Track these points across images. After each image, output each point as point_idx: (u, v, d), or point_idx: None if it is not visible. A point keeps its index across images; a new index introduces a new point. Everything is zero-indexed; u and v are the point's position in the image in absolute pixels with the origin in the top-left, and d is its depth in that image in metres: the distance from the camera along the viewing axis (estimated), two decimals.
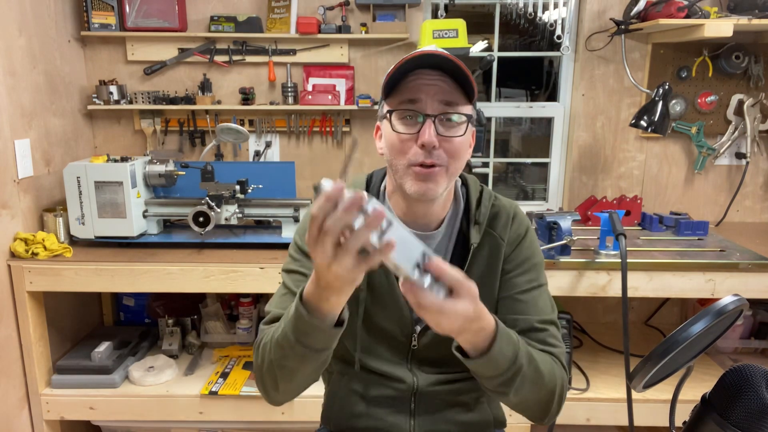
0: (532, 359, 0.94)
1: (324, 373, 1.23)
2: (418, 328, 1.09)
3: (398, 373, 1.11)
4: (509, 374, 0.90)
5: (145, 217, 2.06)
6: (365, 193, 0.68)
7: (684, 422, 0.68)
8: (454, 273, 0.77)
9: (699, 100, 2.37)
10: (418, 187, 0.97)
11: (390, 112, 0.99)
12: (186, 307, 2.39)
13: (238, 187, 2.02)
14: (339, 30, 2.30)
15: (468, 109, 0.99)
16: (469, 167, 2.14)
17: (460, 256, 1.08)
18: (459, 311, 0.77)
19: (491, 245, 1.08)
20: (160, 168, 2.06)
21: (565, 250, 1.88)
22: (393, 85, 0.98)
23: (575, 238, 1.88)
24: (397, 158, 0.99)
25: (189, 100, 2.36)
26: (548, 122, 2.58)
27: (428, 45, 1.00)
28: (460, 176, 1.11)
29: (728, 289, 1.86)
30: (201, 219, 1.96)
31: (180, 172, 2.07)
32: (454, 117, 0.96)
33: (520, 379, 0.91)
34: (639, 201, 2.35)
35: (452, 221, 1.10)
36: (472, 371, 0.92)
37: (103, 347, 2.09)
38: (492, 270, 1.08)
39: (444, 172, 0.98)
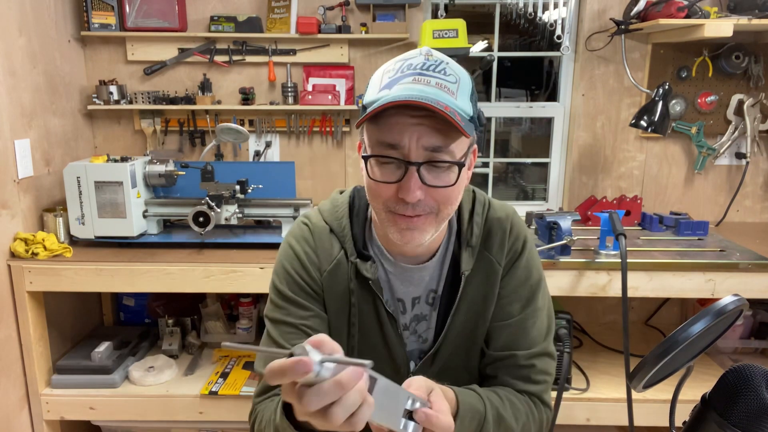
0: (501, 422, 0.91)
1: None
2: (413, 365, 1.03)
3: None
4: None
5: (145, 217, 2.06)
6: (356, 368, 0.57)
7: (684, 422, 0.68)
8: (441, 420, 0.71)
9: (699, 100, 2.37)
10: (400, 236, 0.87)
11: (366, 157, 0.84)
12: (186, 307, 2.39)
13: (238, 187, 2.02)
14: (339, 30, 2.30)
15: (462, 146, 0.84)
16: None
17: (451, 284, 0.99)
18: None
19: (487, 270, 0.99)
20: (160, 168, 2.06)
21: (565, 250, 1.88)
22: (372, 118, 0.82)
23: (575, 238, 1.88)
24: (375, 202, 0.88)
25: (189, 100, 2.36)
26: (548, 122, 2.58)
27: (426, 45, 0.89)
28: None
29: (728, 289, 1.86)
30: (201, 219, 1.96)
31: (180, 172, 2.07)
32: (443, 164, 0.82)
33: None
34: (639, 201, 2.35)
35: (445, 248, 1.00)
36: None
37: (103, 347, 2.09)
38: (487, 298, 1.00)
39: (432, 219, 0.86)
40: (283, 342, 0.95)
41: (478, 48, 2.60)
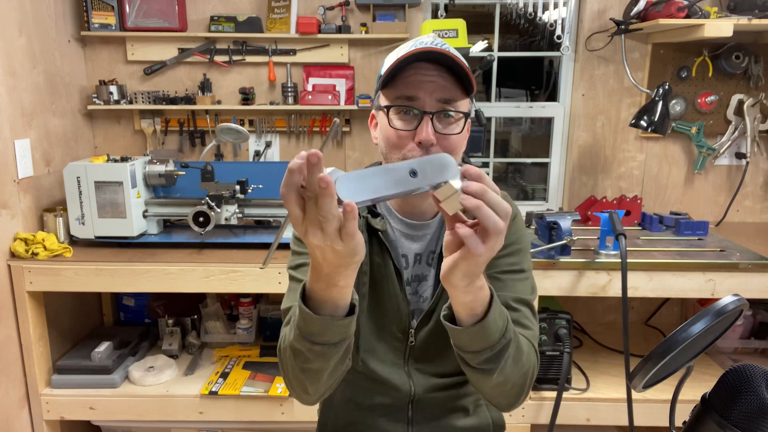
0: (516, 334, 0.90)
1: None
2: (415, 323, 1.07)
3: (395, 379, 1.08)
4: (499, 347, 0.85)
5: (145, 217, 2.06)
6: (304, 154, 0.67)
7: (684, 422, 0.68)
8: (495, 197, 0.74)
9: (699, 100, 2.37)
10: None
11: (388, 107, 0.98)
12: (186, 307, 2.39)
13: (238, 187, 2.02)
14: (339, 30, 2.30)
15: (466, 104, 0.99)
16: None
17: None
18: (496, 245, 0.73)
19: None
20: (160, 168, 2.06)
21: (565, 250, 1.88)
22: (391, 78, 0.97)
23: (575, 238, 1.88)
24: (393, 152, 0.98)
25: (189, 100, 2.36)
26: (548, 122, 2.58)
27: (428, 34, 0.98)
28: None
29: (728, 289, 1.86)
30: (201, 219, 1.96)
31: (180, 172, 2.07)
32: (452, 114, 0.96)
33: (507, 355, 0.87)
34: (639, 201, 2.35)
35: None
36: (458, 347, 0.86)
37: (103, 347, 2.09)
38: None
39: None
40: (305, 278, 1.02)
41: (478, 48, 2.60)
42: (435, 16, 2.42)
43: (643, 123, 2.16)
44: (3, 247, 1.89)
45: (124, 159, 2.02)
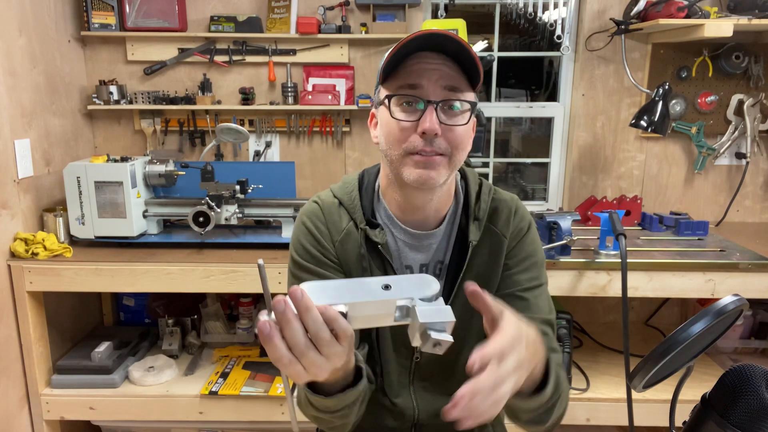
0: (563, 379, 0.90)
1: None
2: None
3: (400, 402, 1.07)
4: (553, 400, 0.83)
5: (145, 217, 2.06)
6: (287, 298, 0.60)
7: (684, 422, 0.68)
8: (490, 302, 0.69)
9: (699, 100, 2.37)
10: (417, 174, 0.91)
11: (389, 97, 0.92)
12: (186, 307, 2.39)
13: (238, 187, 2.02)
14: (339, 30, 2.30)
15: (471, 96, 0.94)
16: (468, 163, 2.14)
17: (459, 254, 1.03)
18: (515, 361, 0.65)
19: (492, 242, 1.03)
20: (160, 168, 2.06)
21: (565, 250, 1.88)
22: (392, 68, 0.92)
23: (575, 238, 1.88)
24: (394, 147, 0.93)
25: (189, 100, 2.36)
26: (548, 122, 2.58)
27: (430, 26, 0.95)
28: (459, 170, 1.06)
29: (728, 289, 1.86)
30: (201, 219, 1.96)
31: (180, 172, 2.07)
32: (458, 104, 0.91)
33: (560, 403, 0.85)
34: (639, 201, 2.35)
35: (452, 218, 1.05)
36: (512, 408, 0.82)
37: (103, 347, 2.09)
38: (493, 267, 1.03)
39: (446, 161, 0.92)
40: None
41: (478, 48, 2.60)
42: (435, 16, 2.42)
43: (643, 123, 2.16)
44: (3, 247, 1.89)
45: (124, 159, 2.02)
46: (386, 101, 0.93)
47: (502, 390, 0.63)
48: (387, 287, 0.64)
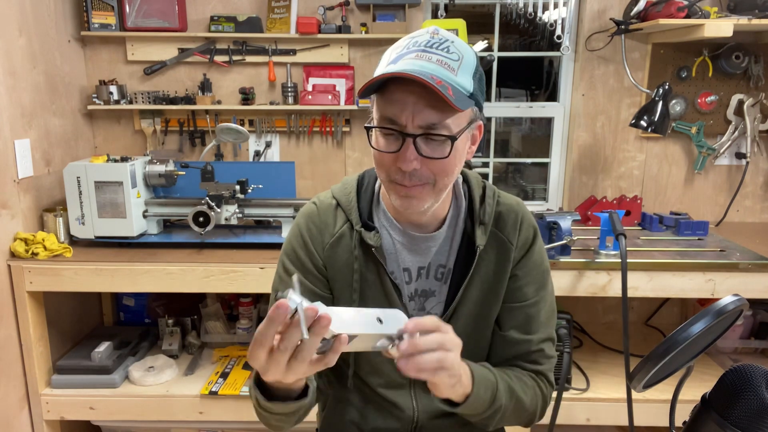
0: (513, 393, 0.97)
1: (319, 396, 1.19)
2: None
3: (400, 402, 1.07)
4: (490, 412, 0.94)
5: (145, 217, 2.06)
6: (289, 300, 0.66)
7: (684, 422, 0.68)
8: (432, 321, 0.79)
9: (699, 100, 2.37)
10: (401, 202, 0.93)
11: (369, 128, 0.92)
12: (186, 307, 2.39)
13: (238, 187, 2.02)
14: (339, 30, 2.30)
15: (461, 119, 0.89)
16: (469, 165, 2.14)
17: (465, 258, 1.02)
18: (454, 360, 0.81)
19: (499, 248, 1.03)
20: (160, 168, 2.06)
21: (565, 250, 1.88)
22: (375, 90, 0.90)
23: (575, 238, 1.88)
24: (380, 171, 0.94)
25: (189, 100, 2.36)
26: (548, 122, 2.58)
27: (428, 28, 0.93)
28: (461, 173, 1.06)
29: (728, 289, 1.86)
30: (201, 219, 1.96)
31: (180, 172, 2.07)
32: (438, 137, 0.87)
33: (501, 414, 0.96)
34: (639, 201, 2.35)
35: (454, 221, 1.04)
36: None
37: (103, 347, 2.09)
38: (500, 274, 1.03)
39: (429, 189, 0.92)
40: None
41: (478, 48, 2.59)
42: (435, 16, 2.42)
43: (643, 123, 2.16)
44: (3, 247, 1.89)
45: (124, 159, 2.02)
46: (367, 131, 0.94)
47: (446, 354, 0.78)
48: (380, 321, 0.76)
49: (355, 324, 0.72)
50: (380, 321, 0.75)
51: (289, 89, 2.34)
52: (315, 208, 1.07)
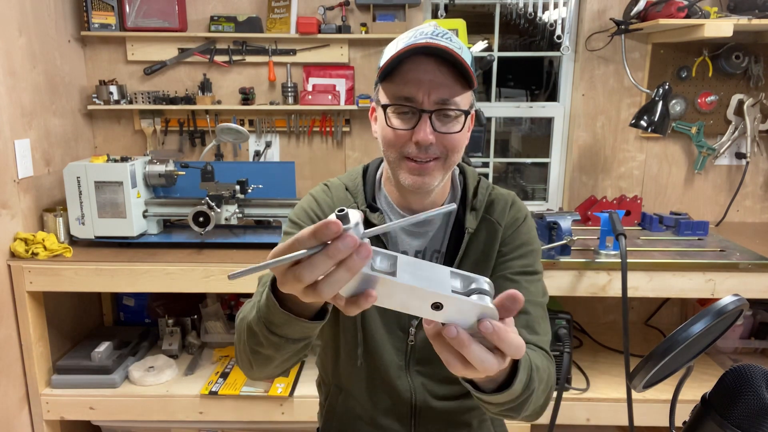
0: (538, 370, 0.85)
1: (320, 387, 1.20)
2: (415, 321, 1.06)
3: (398, 384, 1.07)
4: (523, 398, 0.80)
5: (145, 217, 2.06)
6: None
7: (684, 422, 0.68)
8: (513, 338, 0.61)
9: (699, 100, 2.37)
10: (412, 180, 0.96)
11: (385, 106, 0.96)
12: (186, 307, 2.39)
13: (238, 187, 2.02)
14: (339, 30, 2.30)
15: (467, 97, 0.96)
16: (469, 163, 2.13)
17: (455, 242, 1.06)
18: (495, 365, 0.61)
19: (488, 230, 1.06)
20: (160, 168, 2.06)
21: (565, 250, 1.88)
22: (389, 72, 0.95)
23: (575, 238, 1.88)
24: (391, 150, 0.98)
25: (189, 100, 2.36)
26: (548, 122, 2.58)
27: (429, 23, 0.96)
28: (458, 165, 1.09)
29: (728, 289, 1.86)
30: (201, 219, 1.96)
31: (180, 172, 2.07)
32: (452, 112, 0.94)
33: (533, 399, 0.83)
34: (639, 201, 2.35)
35: None
36: (479, 399, 0.78)
37: (103, 347, 2.09)
38: (488, 255, 1.05)
39: (440, 164, 0.97)
40: None
41: (478, 48, 2.60)
42: (435, 16, 2.42)
43: (643, 123, 2.16)
44: (3, 247, 1.89)
45: (124, 159, 2.02)
46: (383, 109, 0.97)
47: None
48: (438, 307, 0.58)
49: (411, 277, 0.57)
50: (438, 308, 0.59)
51: (289, 89, 2.34)
52: (326, 187, 1.13)
